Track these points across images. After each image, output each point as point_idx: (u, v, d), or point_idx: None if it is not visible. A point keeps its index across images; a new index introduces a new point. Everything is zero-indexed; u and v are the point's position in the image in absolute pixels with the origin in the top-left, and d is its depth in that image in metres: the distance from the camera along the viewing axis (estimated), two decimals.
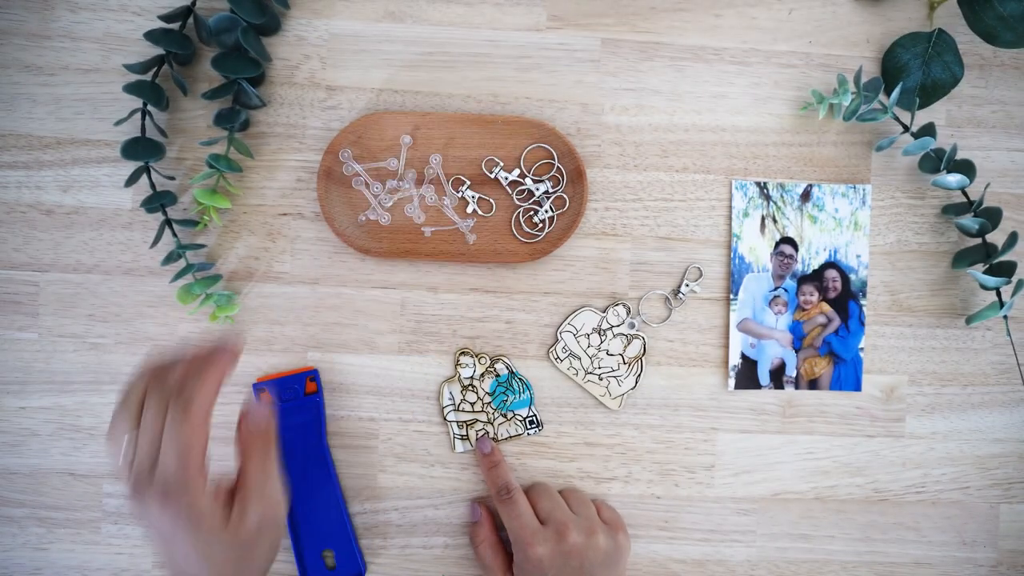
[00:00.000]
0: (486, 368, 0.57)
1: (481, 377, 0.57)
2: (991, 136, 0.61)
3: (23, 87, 0.57)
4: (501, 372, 0.57)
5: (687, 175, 0.60)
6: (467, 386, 0.57)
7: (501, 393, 0.57)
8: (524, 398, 0.57)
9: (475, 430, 0.57)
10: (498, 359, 0.57)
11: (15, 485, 0.58)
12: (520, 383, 0.57)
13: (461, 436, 0.58)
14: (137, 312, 0.58)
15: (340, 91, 0.58)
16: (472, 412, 0.57)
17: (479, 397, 0.57)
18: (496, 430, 0.58)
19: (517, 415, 0.58)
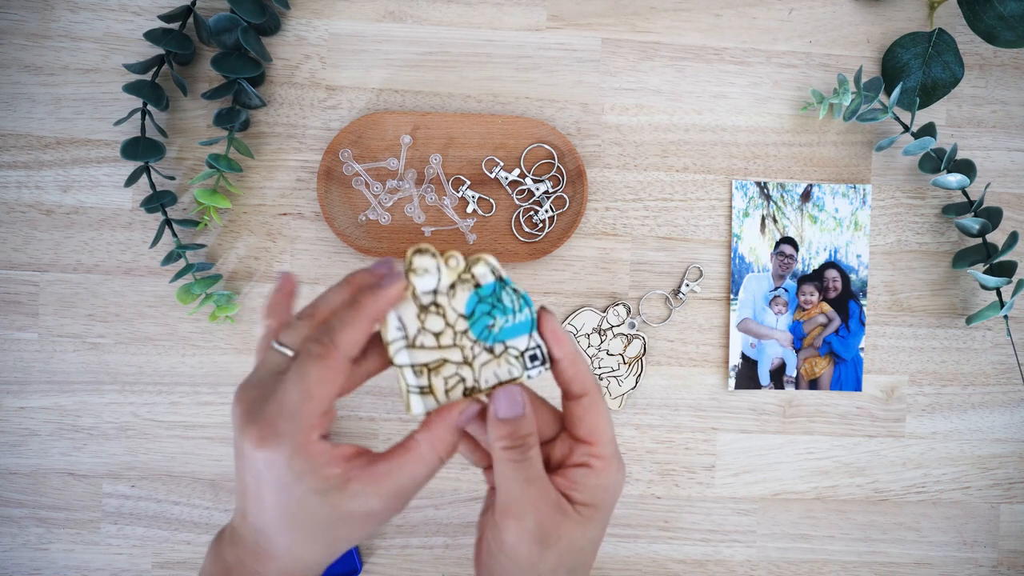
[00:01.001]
0: (459, 275, 0.35)
1: (451, 290, 0.35)
2: (991, 136, 0.61)
3: (23, 87, 0.57)
4: (483, 279, 0.35)
5: (687, 175, 0.60)
6: (427, 306, 0.35)
7: (485, 314, 0.35)
8: (522, 320, 0.35)
9: (443, 377, 0.35)
10: (478, 260, 0.35)
11: (15, 485, 0.58)
12: (514, 296, 0.35)
13: (420, 388, 0.35)
14: (137, 312, 0.58)
15: (340, 91, 0.58)
16: (438, 348, 0.35)
17: (448, 323, 0.35)
18: (477, 374, 0.35)
19: (511, 348, 0.35)
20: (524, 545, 0.33)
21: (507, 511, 0.33)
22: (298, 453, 0.32)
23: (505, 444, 0.34)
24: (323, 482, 0.32)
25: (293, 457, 0.32)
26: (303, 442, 0.32)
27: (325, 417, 0.33)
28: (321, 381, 0.32)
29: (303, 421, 0.32)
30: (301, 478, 0.32)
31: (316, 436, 0.32)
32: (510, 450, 0.34)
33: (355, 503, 0.33)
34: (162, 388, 0.58)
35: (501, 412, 0.34)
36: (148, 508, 0.58)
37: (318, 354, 0.32)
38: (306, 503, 0.32)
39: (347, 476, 0.33)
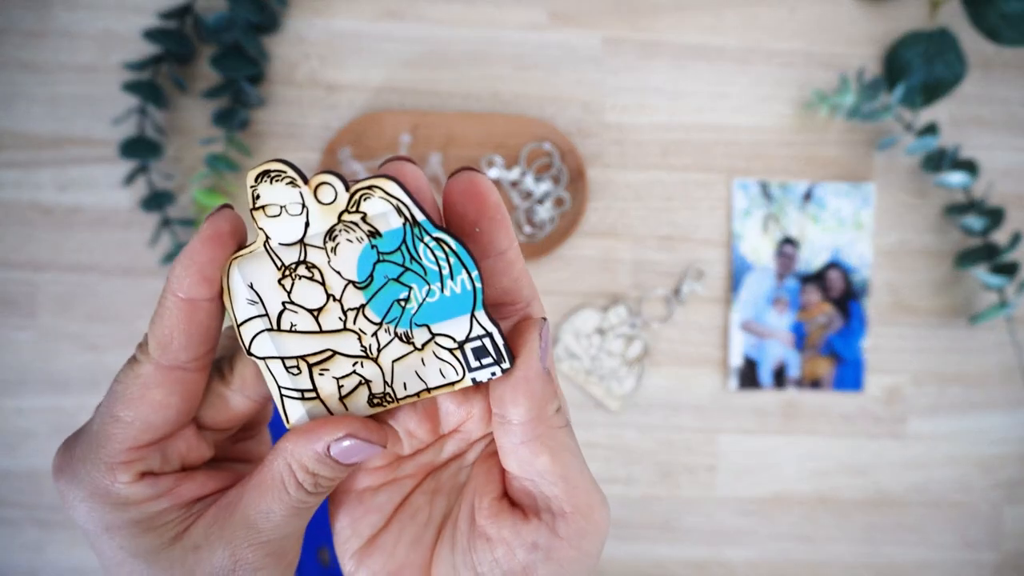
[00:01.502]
0: (341, 212, 0.21)
1: (330, 240, 0.22)
2: (994, 135, 0.60)
3: (20, 86, 0.57)
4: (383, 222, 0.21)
5: (688, 174, 0.59)
6: (292, 267, 0.22)
7: (391, 280, 0.22)
8: (458, 290, 0.21)
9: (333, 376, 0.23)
10: (370, 189, 0.21)
11: (12, 486, 0.58)
12: (440, 251, 0.21)
13: (301, 393, 0.23)
14: (135, 312, 0.58)
15: (339, 90, 0.58)
16: (319, 334, 0.22)
17: (331, 294, 0.22)
18: (389, 374, 0.23)
19: (440, 336, 0.22)
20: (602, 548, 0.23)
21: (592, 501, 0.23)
22: (95, 497, 0.22)
23: (557, 404, 0.22)
24: (142, 537, 0.22)
25: (90, 503, 0.22)
26: (101, 483, 0.22)
27: (149, 449, 0.22)
28: (128, 398, 0.22)
29: (102, 452, 0.22)
30: (110, 533, 0.22)
31: (125, 474, 0.22)
32: (560, 411, 0.22)
33: (199, 560, 0.22)
34: None
35: (548, 361, 0.22)
36: None
37: (128, 363, 0.22)
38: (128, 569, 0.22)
39: (182, 522, 0.23)
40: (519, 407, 0.21)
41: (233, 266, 0.22)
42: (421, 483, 0.25)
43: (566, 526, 0.22)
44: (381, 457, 0.24)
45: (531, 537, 0.22)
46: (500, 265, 0.22)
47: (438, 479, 0.25)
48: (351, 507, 0.24)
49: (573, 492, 0.22)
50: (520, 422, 0.21)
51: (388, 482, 0.24)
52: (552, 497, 0.22)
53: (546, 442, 0.21)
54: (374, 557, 0.24)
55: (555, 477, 0.22)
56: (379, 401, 0.23)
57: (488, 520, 0.22)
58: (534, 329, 0.21)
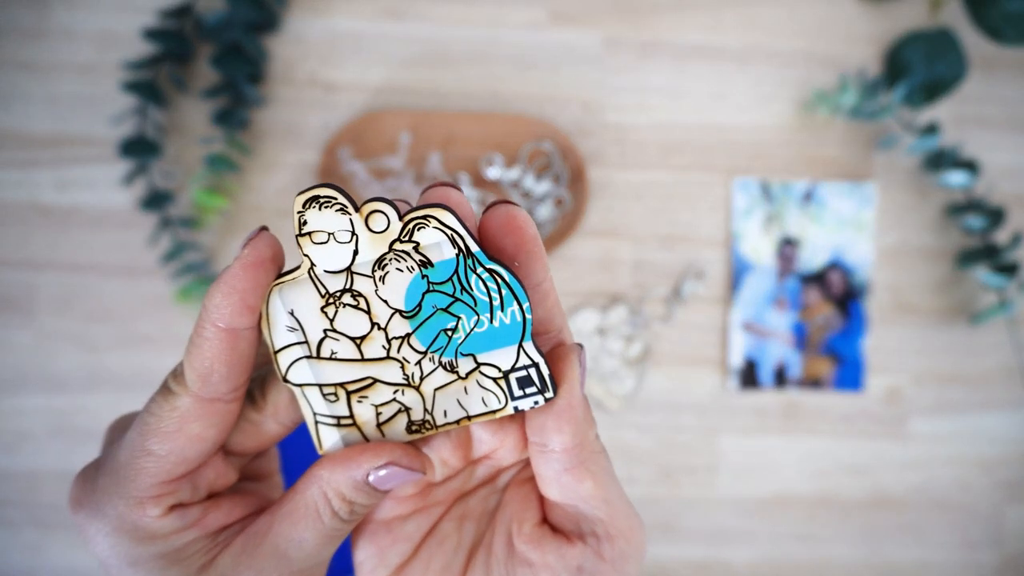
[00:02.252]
0: (391, 244, 0.21)
1: (379, 269, 0.21)
2: (995, 134, 0.60)
3: (19, 85, 0.57)
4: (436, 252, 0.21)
5: (688, 174, 0.59)
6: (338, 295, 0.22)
7: (440, 311, 0.22)
8: (508, 321, 0.22)
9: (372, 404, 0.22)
10: (425, 219, 0.20)
11: (11, 486, 0.58)
12: (492, 282, 0.21)
13: (337, 420, 0.23)
14: (135, 312, 0.58)
15: (339, 89, 0.58)
16: (361, 362, 0.22)
17: (377, 323, 0.22)
18: (430, 402, 0.23)
19: (485, 366, 0.22)
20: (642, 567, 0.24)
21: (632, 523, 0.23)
22: (121, 532, 0.21)
23: (596, 430, 0.23)
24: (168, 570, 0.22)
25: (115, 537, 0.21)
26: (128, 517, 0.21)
27: (181, 482, 0.22)
28: (163, 431, 0.21)
29: (131, 486, 0.21)
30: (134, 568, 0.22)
31: (156, 508, 0.21)
32: (598, 436, 0.23)
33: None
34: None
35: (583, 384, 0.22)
36: None
37: (161, 394, 0.22)
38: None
39: (208, 551, 0.22)
40: (564, 435, 0.21)
41: (274, 293, 0.21)
42: (449, 510, 0.25)
43: (611, 549, 0.22)
44: (414, 485, 0.24)
45: (576, 561, 0.22)
46: (536, 296, 0.22)
47: (466, 505, 0.25)
48: (378, 537, 0.24)
49: (616, 516, 0.22)
50: (563, 449, 0.21)
51: (417, 510, 0.24)
52: (596, 521, 0.22)
53: (590, 467, 0.22)
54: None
55: (599, 501, 0.22)
56: (418, 428, 0.23)
57: (529, 546, 0.22)
58: (575, 357, 0.21)
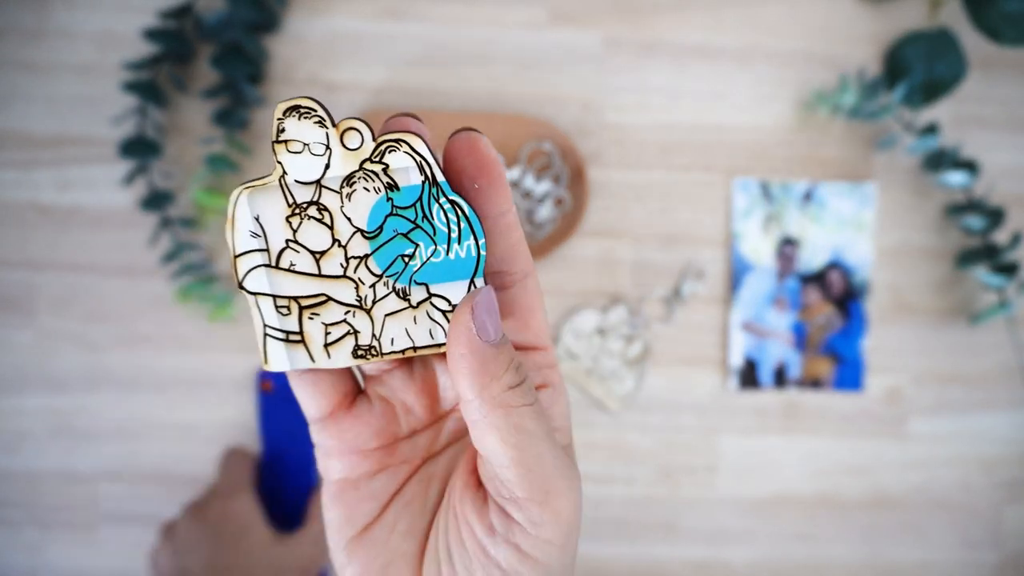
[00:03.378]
0: (364, 160, 0.21)
1: (347, 186, 0.22)
2: (995, 134, 0.60)
3: (19, 85, 0.57)
4: (403, 176, 0.22)
5: (688, 174, 0.59)
6: (304, 206, 0.22)
7: (400, 235, 0.22)
8: (463, 254, 0.22)
9: (322, 323, 0.22)
10: (397, 141, 0.21)
11: (11, 486, 0.58)
12: (453, 213, 0.22)
13: (286, 334, 0.22)
14: (134, 312, 0.58)
15: (339, 89, 0.58)
16: (318, 278, 0.22)
17: (338, 240, 0.22)
18: (379, 328, 0.23)
19: (437, 297, 0.22)
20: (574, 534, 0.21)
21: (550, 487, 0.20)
22: None
23: (513, 381, 0.20)
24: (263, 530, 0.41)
25: None
26: None
27: None
28: None
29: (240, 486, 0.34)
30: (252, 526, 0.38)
31: None
32: (517, 389, 0.20)
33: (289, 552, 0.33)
34: (160, 389, 0.58)
35: (486, 333, 0.20)
36: (146, 509, 0.58)
37: None
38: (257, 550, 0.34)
39: None
40: (460, 385, 0.20)
41: (243, 195, 0.22)
42: (418, 469, 0.24)
43: (519, 512, 0.20)
44: (377, 436, 0.23)
45: (488, 519, 0.21)
46: (498, 227, 0.21)
47: (434, 465, 0.24)
48: (345, 496, 0.23)
49: (526, 476, 0.20)
50: (467, 400, 0.20)
51: (383, 467, 0.24)
52: (504, 481, 0.20)
53: (494, 422, 0.20)
54: (366, 547, 0.23)
55: (506, 460, 0.20)
56: (363, 353, 0.22)
57: (458, 500, 0.22)
58: (464, 301, 0.20)
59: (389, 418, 0.24)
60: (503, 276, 0.22)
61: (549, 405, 0.23)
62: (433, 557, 0.22)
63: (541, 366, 0.23)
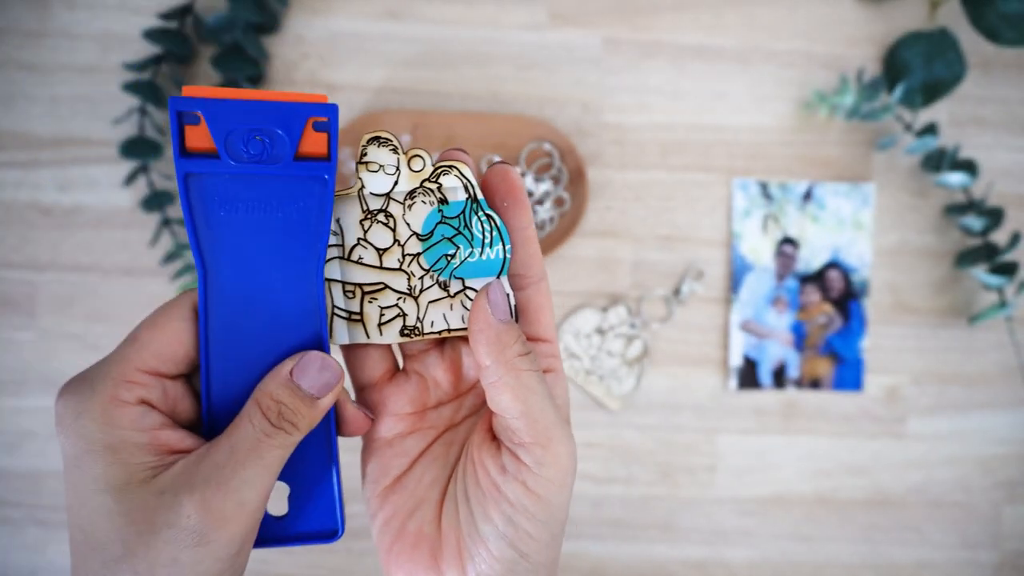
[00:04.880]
0: (422, 182, 0.27)
1: (409, 199, 0.28)
2: (994, 135, 0.60)
3: (20, 86, 0.57)
4: (452, 195, 0.28)
5: (688, 174, 0.59)
6: (374, 212, 0.27)
7: (445, 239, 0.28)
8: (491, 258, 0.28)
9: (379, 306, 0.28)
10: (449, 167, 0.27)
11: (12, 486, 0.58)
12: (487, 225, 0.27)
13: (349, 314, 0.28)
14: (135, 312, 0.58)
15: (339, 90, 0.58)
16: (379, 269, 0.28)
17: (398, 240, 0.28)
18: (422, 312, 0.28)
19: (469, 289, 0.28)
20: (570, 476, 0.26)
21: (550, 435, 0.25)
22: (90, 413, 0.22)
23: (521, 350, 0.26)
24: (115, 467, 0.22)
25: (84, 419, 0.22)
26: (103, 396, 0.23)
27: (153, 378, 0.24)
28: (149, 323, 0.25)
29: (114, 368, 0.23)
30: (90, 456, 0.22)
31: (127, 391, 0.23)
32: (525, 356, 0.26)
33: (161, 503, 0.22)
34: None
35: (500, 313, 0.26)
36: None
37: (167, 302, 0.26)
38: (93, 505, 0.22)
39: (154, 468, 0.23)
40: (479, 353, 0.25)
41: None
42: (442, 434, 0.29)
43: (527, 454, 0.25)
44: (411, 403, 0.29)
45: (500, 462, 0.26)
46: (520, 238, 0.28)
47: (456, 432, 0.29)
48: (382, 451, 0.28)
49: (533, 425, 0.25)
50: (483, 365, 0.25)
51: (415, 430, 0.29)
52: (515, 430, 0.25)
53: (508, 382, 0.25)
54: (397, 494, 0.28)
55: (516, 412, 0.25)
56: (408, 332, 0.28)
57: (476, 449, 0.27)
58: (482, 290, 0.26)
59: (421, 390, 0.29)
60: (521, 278, 0.28)
61: (552, 386, 0.27)
62: (452, 502, 0.27)
63: (547, 355, 0.28)
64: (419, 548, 0.27)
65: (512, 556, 0.25)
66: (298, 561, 0.58)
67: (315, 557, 0.58)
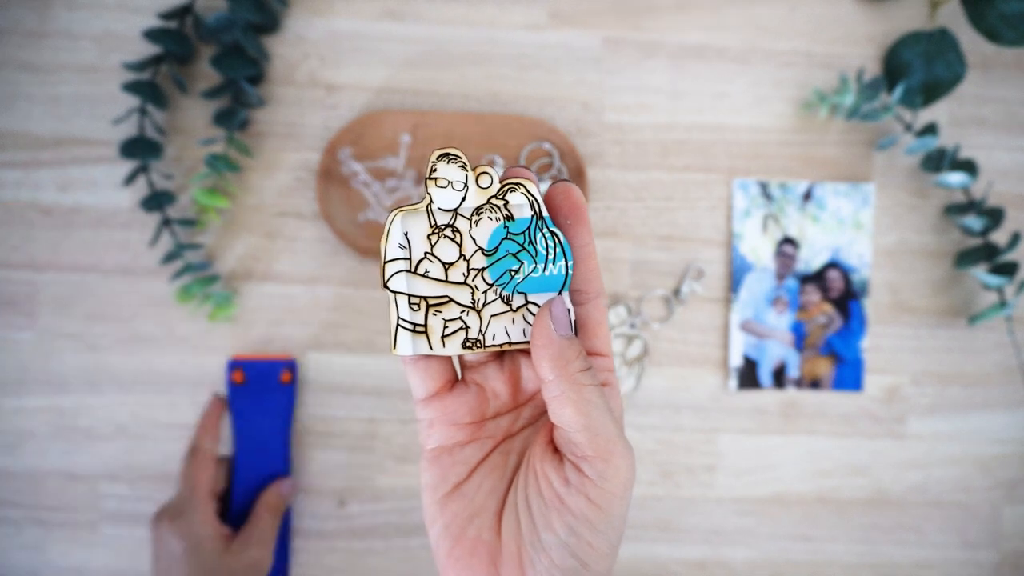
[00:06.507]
0: (489, 199, 0.29)
1: (475, 215, 0.29)
2: (994, 135, 0.60)
3: (20, 86, 0.57)
4: (518, 212, 0.29)
5: (688, 174, 0.59)
6: (442, 228, 0.29)
7: (510, 255, 0.29)
8: (555, 272, 0.29)
9: (443, 319, 0.29)
10: (517, 185, 0.28)
11: (12, 486, 0.58)
12: (551, 241, 0.28)
13: (413, 326, 0.29)
14: (135, 312, 0.58)
15: (339, 90, 0.58)
16: (444, 283, 0.29)
17: (463, 255, 0.29)
18: (484, 325, 0.29)
19: (532, 304, 0.29)
20: (630, 488, 0.27)
21: (613, 448, 0.26)
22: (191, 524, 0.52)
23: (583, 365, 0.26)
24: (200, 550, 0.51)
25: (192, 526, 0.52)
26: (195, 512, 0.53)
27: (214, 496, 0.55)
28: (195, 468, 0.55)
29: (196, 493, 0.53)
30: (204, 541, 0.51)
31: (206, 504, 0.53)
32: (587, 372, 0.27)
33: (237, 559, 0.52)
34: (160, 388, 0.58)
35: (562, 328, 0.27)
36: (147, 509, 0.58)
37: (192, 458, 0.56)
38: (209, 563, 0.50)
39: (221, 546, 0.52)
40: (542, 368, 0.26)
41: (398, 216, 0.28)
42: (500, 444, 0.30)
43: (589, 467, 0.26)
44: (470, 413, 0.30)
45: (563, 474, 0.26)
46: (579, 255, 0.29)
47: (513, 442, 0.30)
48: (442, 460, 0.29)
49: (594, 439, 0.26)
50: (546, 380, 0.26)
51: (473, 439, 0.30)
52: (577, 443, 0.26)
53: (570, 396, 0.26)
54: (456, 501, 0.29)
55: (578, 426, 0.26)
56: (471, 345, 0.29)
57: (538, 461, 0.28)
58: (544, 306, 0.27)
59: (481, 400, 0.30)
60: (580, 294, 0.29)
61: (609, 399, 0.28)
62: (512, 510, 0.28)
63: (603, 369, 0.29)
64: (477, 554, 0.28)
65: (573, 565, 0.26)
66: (298, 561, 0.58)
67: (315, 557, 0.58)
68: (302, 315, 0.58)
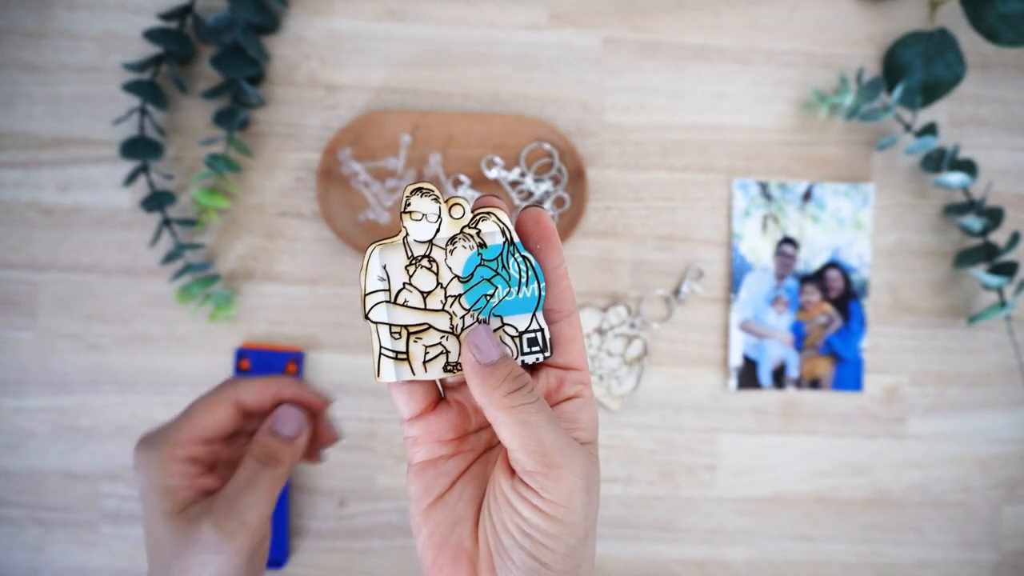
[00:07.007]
0: (462, 228, 0.30)
1: (450, 245, 0.30)
2: (993, 135, 0.60)
3: (21, 86, 0.57)
4: (490, 239, 0.30)
5: (688, 174, 0.59)
6: (418, 258, 0.30)
7: (485, 280, 0.30)
8: (528, 295, 0.30)
9: (423, 345, 0.30)
10: (488, 214, 0.30)
11: (13, 485, 0.58)
12: (523, 265, 0.30)
13: (395, 354, 0.30)
14: (136, 312, 0.58)
15: (339, 90, 0.58)
16: (423, 311, 0.30)
17: (440, 283, 0.30)
18: None
19: (508, 326, 0.30)
20: (578, 495, 0.27)
21: (551, 462, 0.27)
22: (156, 461, 0.34)
23: (510, 388, 0.28)
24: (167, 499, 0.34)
25: (150, 464, 0.34)
26: (163, 453, 0.34)
27: (201, 446, 0.35)
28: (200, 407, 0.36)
29: (171, 432, 0.35)
30: (155, 491, 0.34)
31: (180, 452, 0.34)
32: (516, 393, 0.28)
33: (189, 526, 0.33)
34: (161, 388, 0.58)
35: (484, 357, 0.28)
36: None
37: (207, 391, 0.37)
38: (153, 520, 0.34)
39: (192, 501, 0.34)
40: (475, 396, 0.28)
41: (376, 250, 0.30)
42: (480, 455, 0.32)
43: (532, 480, 0.27)
44: (453, 430, 0.31)
45: (514, 487, 0.28)
46: (551, 277, 0.30)
47: (492, 452, 0.32)
48: (426, 472, 0.31)
49: (531, 455, 0.27)
50: (482, 406, 0.28)
51: (456, 453, 0.31)
52: (517, 460, 0.27)
53: (501, 419, 0.27)
54: (439, 511, 0.30)
55: (515, 445, 0.27)
56: (451, 368, 0.30)
57: (497, 470, 0.29)
58: (463, 338, 0.29)
59: (463, 417, 0.31)
60: (554, 312, 0.30)
61: (579, 411, 0.30)
62: (485, 516, 0.30)
63: (576, 382, 0.30)
64: (459, 561, 0.30)
65: (533, 565, 0.27)
66: (298, 560, 0.58)
67: (315, 557, 0.58)
68: (302, 315, 0.58)
